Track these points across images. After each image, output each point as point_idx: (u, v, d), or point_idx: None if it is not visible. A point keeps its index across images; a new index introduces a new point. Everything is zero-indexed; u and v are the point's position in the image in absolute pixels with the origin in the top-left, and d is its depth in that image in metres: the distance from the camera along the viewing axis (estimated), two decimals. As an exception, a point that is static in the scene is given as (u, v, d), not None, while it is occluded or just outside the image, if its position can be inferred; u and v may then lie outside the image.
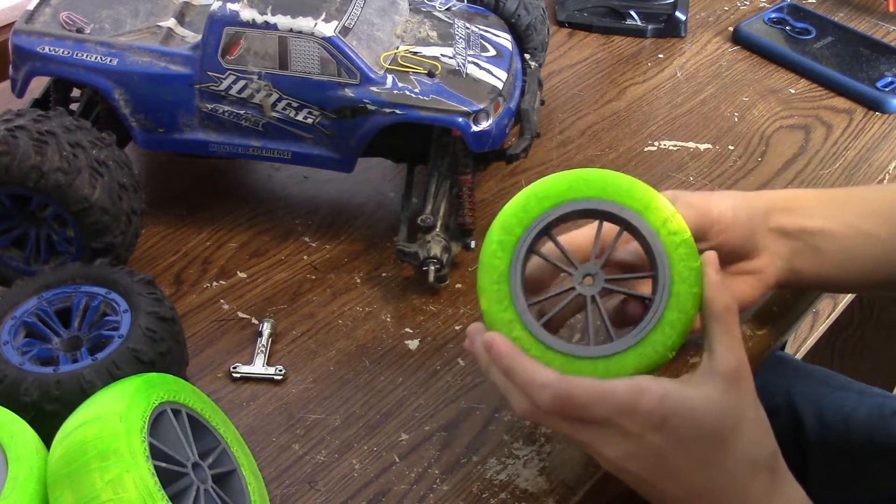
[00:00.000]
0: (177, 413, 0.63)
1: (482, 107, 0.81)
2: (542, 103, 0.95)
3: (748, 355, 0.66)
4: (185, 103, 0.82)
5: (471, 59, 0.84)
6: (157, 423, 0.61)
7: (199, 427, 0.65)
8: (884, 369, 1.64)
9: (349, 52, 0.80)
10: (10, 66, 0.83)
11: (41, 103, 0.88)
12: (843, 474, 0.90)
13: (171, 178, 0.95)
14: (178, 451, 0.61)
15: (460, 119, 0.81)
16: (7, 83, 0.85)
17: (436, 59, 0.83)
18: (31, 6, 0.84)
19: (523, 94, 0.89)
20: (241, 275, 0.85)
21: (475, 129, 0.81)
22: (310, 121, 0.82)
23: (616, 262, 0.73)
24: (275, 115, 0.82)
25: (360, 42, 0.81)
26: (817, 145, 1.02)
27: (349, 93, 0.80)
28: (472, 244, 0.85)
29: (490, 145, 0.82)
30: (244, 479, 0.65)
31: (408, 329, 0.82)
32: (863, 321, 1.63)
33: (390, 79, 0.81)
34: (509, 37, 0.89)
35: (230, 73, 0.81)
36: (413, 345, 0.80)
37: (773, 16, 1.17)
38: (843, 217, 0.76)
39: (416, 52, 0.83)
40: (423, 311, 0.83)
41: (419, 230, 0.83)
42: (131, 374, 0.66)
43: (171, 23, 0.84)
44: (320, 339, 0.81)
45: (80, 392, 0.65)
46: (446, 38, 0.86)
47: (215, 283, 0.85)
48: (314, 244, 0.89)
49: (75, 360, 0.68)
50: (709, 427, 0.64)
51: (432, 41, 0.85)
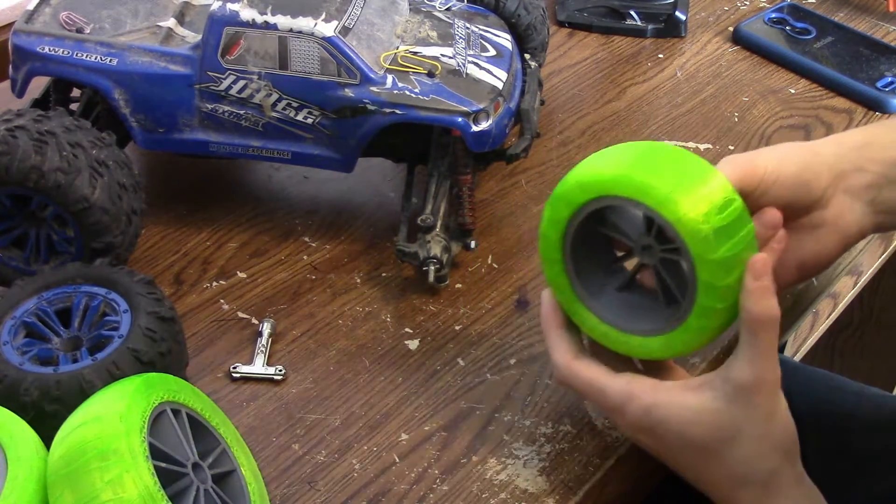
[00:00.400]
0: (177, 413, 0.63)
1: (482, 107, 0.81)
2: (542, 103, 0.95)
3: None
4: (185, 103, 0.82)
5: (471, 59, 0.84)
6: (157, 423, 0.61)
7: (198, 427, 0.65)
8: (884, 369, 1.64)
9: (349, 52, 0.80)
10: (10, 66, 0.83)
11: (41, 103, 0.88)
12: (843, 475, 0.89)
13: (171, 178, 0.95)
14: (177, 452, 0.61)
15: (460, 119, 0.81)
16: (7, 83, 0.85)
17: (436, 59, 0.83)
18: (31, 6, 0.84)
19: (523, 94, 0.89)
20: (241, 275, 0.85)
21: (475, 129, 0.81)
22: (310, 121, 0.82)
23: None
24: (275, 115, 0.82)
25: (360, 42, 0.81)
26: (817, 145, 1.02)
27: (349, 93, 0.80)
28: (473, 244, 0.85)
29: (490, 145, 0.82)
30: (244, 479, 0.65)
31: (408, 329, 0.82)
32: (863, 321, 1.63)
33: (390, 79, 0.81)
34: (509, 37, 0.89)
35: (230, 73, 0.81)
36: (413, 345, 0.80)
37: (773, 16, 1.17)
38: None
39: (416, 52, 0.83)
40: (423, 311, 0.83)
41: (419, 230, 0.83)
42: (131, 374, 0.66)
43: (171, 23, 0.84)
44: (320, 339, 0.81)
45: (79, 392, 0.65)
46: (446, 38, 0.86)
47: (215, 283, 0.85)
48: (314, 244, 0.89)
49: (75, 360, 0.68)
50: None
51: (432, 41, 0.85)
